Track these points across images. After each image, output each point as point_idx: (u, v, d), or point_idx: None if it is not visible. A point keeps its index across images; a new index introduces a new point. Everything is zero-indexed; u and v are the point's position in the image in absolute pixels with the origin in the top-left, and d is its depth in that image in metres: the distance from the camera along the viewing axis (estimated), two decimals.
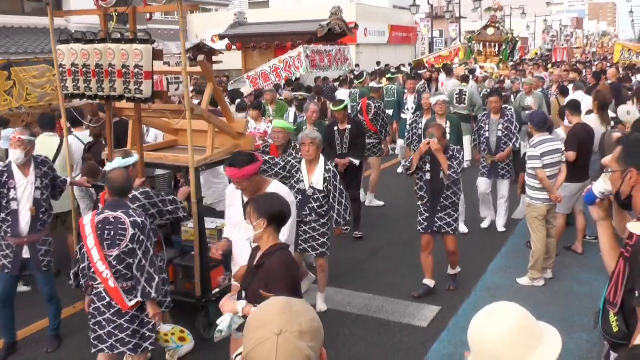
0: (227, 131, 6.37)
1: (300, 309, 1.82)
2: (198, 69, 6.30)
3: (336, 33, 24.53)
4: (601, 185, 3.19)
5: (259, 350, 1.72)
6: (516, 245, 8.64)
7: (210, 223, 6.34)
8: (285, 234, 4.42)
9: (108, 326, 4.62)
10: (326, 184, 6.32)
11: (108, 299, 4.60)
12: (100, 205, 5.15)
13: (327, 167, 6.37)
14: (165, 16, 41.64)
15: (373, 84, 13.53)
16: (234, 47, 25.32)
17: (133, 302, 4.60)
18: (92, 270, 4.59)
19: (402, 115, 13.29)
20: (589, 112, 9.65)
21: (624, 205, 3.11)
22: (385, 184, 11.77)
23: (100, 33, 5.66)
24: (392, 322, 6.46)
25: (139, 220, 4.59)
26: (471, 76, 17.30)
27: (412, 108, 12.92)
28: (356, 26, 28.75)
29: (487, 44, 28.43)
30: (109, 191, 4.80)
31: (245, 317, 3.53)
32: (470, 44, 29.14)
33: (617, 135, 7.14)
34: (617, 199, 3.10)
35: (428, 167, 6.82)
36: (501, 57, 27.60)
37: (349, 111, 10.47)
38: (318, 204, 6.38)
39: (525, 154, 7.47)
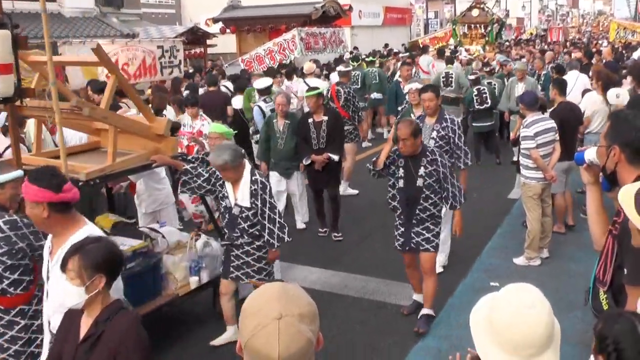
0: (137, 133, 5.33)
1: (296, 293, 1.80)
2: (68, 58, 5.38)
3: (330, 15, 24.43)
4: (592, 154, 3.23)
5: (260, 336, 1.68)
6: (512, 226, 8.66)
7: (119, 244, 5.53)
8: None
9: None
10: (253, 199, 5.28)
11: None
12: None
13: (253, 178, 5.30)
14: (159, 0, 41.44)
15: (340, 67, 12.81)
16: (228, 30, 25.18)
17: None
18: None
19: (400, 108, 11.04)
20: (586, 91, 9.64)
21: (611, 180, 3.14)
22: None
23: None
24: (389, 303, 6.47)
25: None
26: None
27: None
28: (350, 8, 28.63)
29: (473, 25, 28.08)
30: None
31: None
32: (454, 27, 28.83)
33: None
34: (604, 173, 3.14)
35: (401, 172, 5.76)
36: (487, 39, 27.30)
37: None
38: (248, 223, 5.34)
39: (519, 134, 7.49)
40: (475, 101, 11.88)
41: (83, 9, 19.05)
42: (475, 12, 27.95)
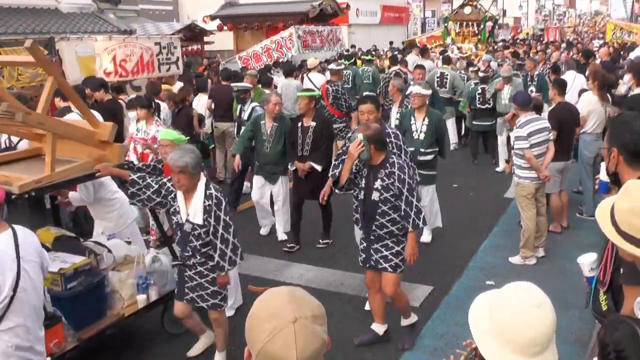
0: (78, 139, 4.93)
1: (304, 295, 1.79)
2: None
3: (328, 13, 24.47)
4: (586, 267, 3.35)
5: (276, 340, 1.65)
6: (508, 225, 8.68)
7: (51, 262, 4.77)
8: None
9: None
10: (206, 216, 4.80)
11: None
12: None
13: (207, 193, 4.81)
14: None
15: (332, 66, 12.59)
16: (225, 27, 25.18)
17: None
18: None
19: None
20: (582, 90, 9.67)
21: (613, 181, 3.20)
22: None
23: None
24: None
25: None
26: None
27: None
28: (348, 6, 28.66)
29: (465, 23, 27.82)
30: None
31: None
32: (446, 24, 28.63)
33: None
34: (607, 173, 3.20)
35: (363, 182, 5.27)
36: (479, 37, 27.13)
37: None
38: (201, 241, 4.87)
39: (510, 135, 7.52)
40: (477, 100, 11.86)
41: (80, 5, 18.94)
42: (467, 10, 27.62)
